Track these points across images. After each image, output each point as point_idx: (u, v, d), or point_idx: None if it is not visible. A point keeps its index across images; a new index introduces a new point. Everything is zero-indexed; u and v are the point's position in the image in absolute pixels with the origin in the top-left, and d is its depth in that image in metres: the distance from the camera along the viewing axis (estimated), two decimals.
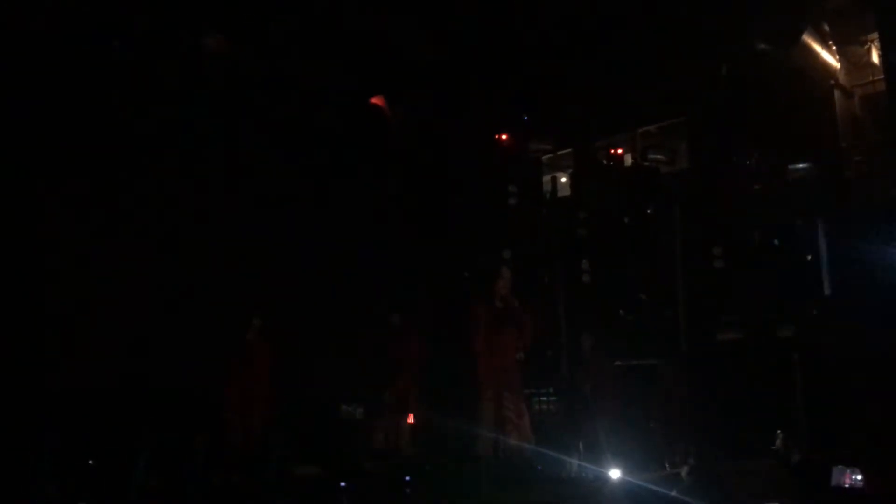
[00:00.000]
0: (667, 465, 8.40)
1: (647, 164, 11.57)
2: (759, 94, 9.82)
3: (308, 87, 9.85)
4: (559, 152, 12.62)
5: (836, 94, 10.19)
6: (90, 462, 7.33)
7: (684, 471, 7.56)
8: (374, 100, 10.80)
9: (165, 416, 7.03)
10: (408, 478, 7.56)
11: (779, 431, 8.26)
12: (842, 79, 10.27)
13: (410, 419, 8.79)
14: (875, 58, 10.01)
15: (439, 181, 11.29)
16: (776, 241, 9.77)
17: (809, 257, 9.13)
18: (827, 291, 8.86)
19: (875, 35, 9.76)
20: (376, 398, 8.85)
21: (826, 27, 9.98)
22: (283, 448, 7.71)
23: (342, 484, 7.55)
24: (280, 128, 9.61)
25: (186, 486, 6.80)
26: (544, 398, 10.10)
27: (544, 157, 12.71)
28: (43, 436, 7.06)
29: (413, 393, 8.87)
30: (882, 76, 9.55)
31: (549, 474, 7.94)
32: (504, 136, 12.16)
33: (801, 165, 9.83)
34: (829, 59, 10.17)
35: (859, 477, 5.98)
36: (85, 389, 7.71)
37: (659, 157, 11.57)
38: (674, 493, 6.27)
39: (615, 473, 7.22)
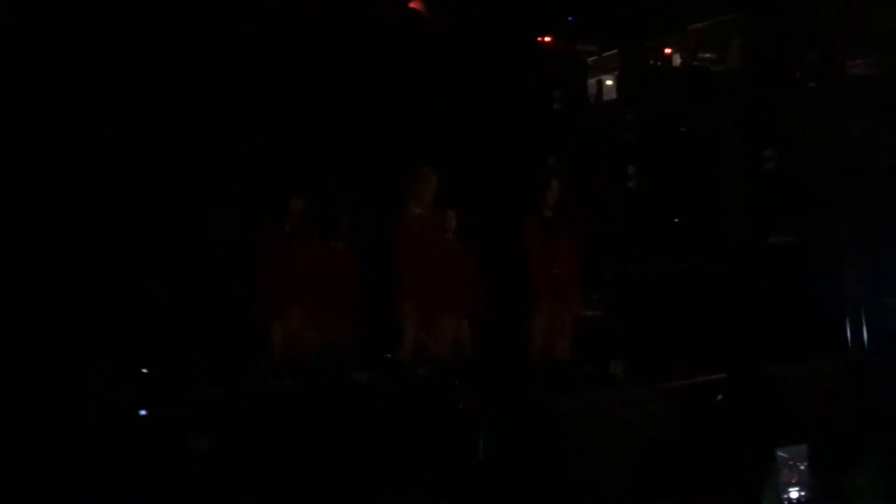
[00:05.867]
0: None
1: (696, 63, 11.22)
2: None
3: None
4: (605, 54, 12.22)
5: None
6: (145, 371, 7.52)
7: None
8: (413, 4, 10.49)
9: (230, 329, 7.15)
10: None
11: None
12: None
13: None
14: None
15: (481, 87, 11.01)
16: (833, 143, 9.44)
17: (869, 159, 8.84)
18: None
19: None
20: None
21: None
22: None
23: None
24: (329, 39, 9.41)
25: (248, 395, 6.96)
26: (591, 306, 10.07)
27: (589, 59, 12.32)
28: (102, 347, 7.27)
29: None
30: None
31: (596, 379, 8.01)
32: (547, 39, 11.78)
33: (864, 62, 9.40)
34: None
35: None
36: (150, 303, 7.88)
37: (709, 55, 11.21)
38: (719, 398, 6.22)
39: (657, 380, 7.19)
